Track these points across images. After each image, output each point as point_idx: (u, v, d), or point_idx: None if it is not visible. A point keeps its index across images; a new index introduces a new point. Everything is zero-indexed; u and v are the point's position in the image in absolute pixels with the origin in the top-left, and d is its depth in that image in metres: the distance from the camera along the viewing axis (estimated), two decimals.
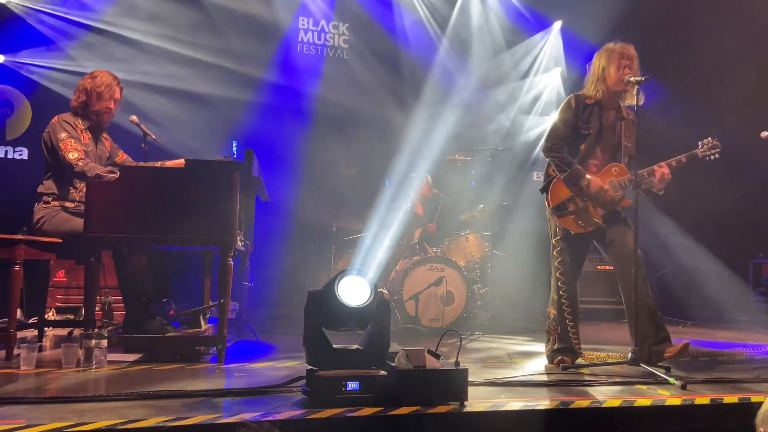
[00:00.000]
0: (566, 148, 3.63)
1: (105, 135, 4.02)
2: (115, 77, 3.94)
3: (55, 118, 3.76)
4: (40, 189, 3.74)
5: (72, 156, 3.59)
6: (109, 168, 3.65)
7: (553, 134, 3.66)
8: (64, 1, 6.40)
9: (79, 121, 3.83)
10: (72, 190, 3.75)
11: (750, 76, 6.66)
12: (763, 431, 1.71)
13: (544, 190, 3.72)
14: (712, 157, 3.62)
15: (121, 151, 4.10)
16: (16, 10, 6.32)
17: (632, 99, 3.50)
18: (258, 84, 7.05)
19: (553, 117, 3.81)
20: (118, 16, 6.52)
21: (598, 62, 3.64)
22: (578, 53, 7.63)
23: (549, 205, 3.67)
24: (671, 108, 6.28)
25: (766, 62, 6.62)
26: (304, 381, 2.53)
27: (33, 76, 6.36)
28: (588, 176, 3.56)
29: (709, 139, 3.64)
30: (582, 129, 3.62)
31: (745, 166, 6.65)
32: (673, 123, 5.79)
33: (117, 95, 3.93)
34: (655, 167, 3.59)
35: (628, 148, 3.66)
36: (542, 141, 3.70)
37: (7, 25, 6.27)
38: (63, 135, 3.65)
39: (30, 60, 6.39)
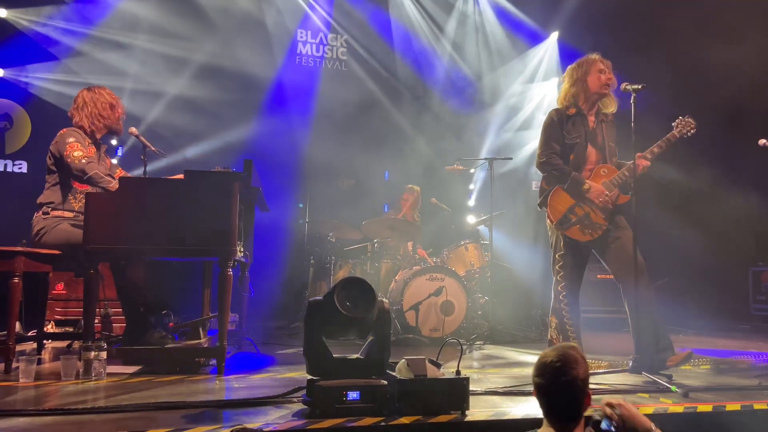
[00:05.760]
0: (560, 159, 3.70)
1: (103, 154, 4.03)
2: (113, 94, 3.97)
3: (64, 129, 3.79)
4: (41, 199, 3.74)
5: (76, 154, 3.63)
6: (108, 172, 3.67)
7: (544, 148, 3.73)
8: (64, 14, 6.44)
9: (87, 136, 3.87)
10: (72, 200, 3.75)
11: (744, 86, 6.70)
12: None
13: (542, 205, 3.77)
14: (689, 134, 3.68)
15: (120, 168, 4.12)
16: (16, 25, 6.36)
17: (612, 106, 3.72)
18: (257, 95, 7.09)
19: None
20: (118, 29, 6.57)
21: (578, 69, 3.74)
22: None
23: (551, 221, 3.70)
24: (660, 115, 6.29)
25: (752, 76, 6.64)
26: (304, 391, 2.52)
27: (32, 90, 6.39)
28: (588, 182, 3.64)
29: (680, 118, 3.71)
30: (568, 139, 3.71)
31: (742, 175, 6.67)
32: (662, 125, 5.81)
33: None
34: (636, 162, 3.58)
35: (612, 148, 3.78)
36: (536, 158, 3.78)
37: (7, 40, 6.31)
38: (71, 139, 3.70)
39: (30, 74, 6.42)
